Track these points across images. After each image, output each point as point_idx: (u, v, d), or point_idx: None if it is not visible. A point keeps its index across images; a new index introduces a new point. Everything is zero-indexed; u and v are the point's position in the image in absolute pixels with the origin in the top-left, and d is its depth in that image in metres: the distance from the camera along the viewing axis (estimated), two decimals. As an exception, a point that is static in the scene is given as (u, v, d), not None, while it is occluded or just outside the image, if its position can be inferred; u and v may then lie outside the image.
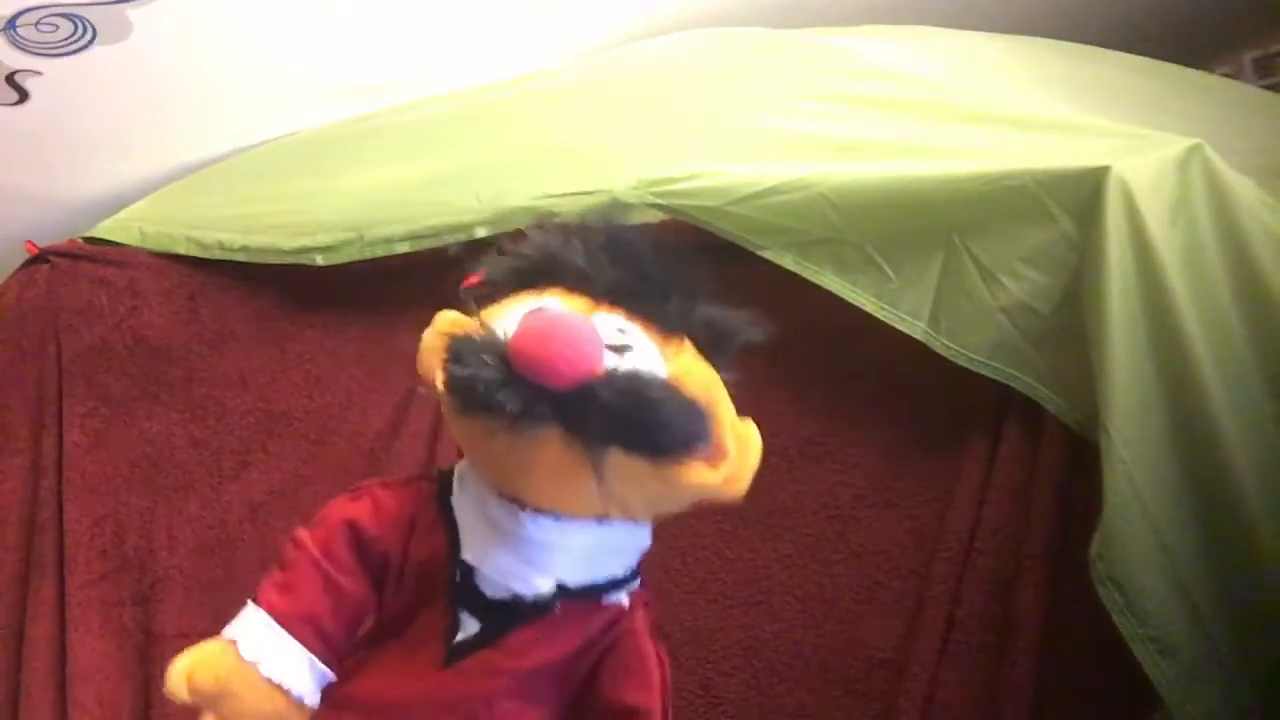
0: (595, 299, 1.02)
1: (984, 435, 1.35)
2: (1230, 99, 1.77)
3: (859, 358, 1.44)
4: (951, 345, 1.31)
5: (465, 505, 1.07)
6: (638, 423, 0.94)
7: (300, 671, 1.02)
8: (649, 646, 1.12)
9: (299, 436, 1.74)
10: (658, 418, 0.95)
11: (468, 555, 1.06)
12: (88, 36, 1.71)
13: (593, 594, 1.08)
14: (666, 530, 1.51)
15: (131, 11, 1.67)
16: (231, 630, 1.03)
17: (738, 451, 1.04)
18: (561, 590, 1.05)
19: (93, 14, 1.67)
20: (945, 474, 1.39)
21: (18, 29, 1.67)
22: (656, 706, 1.11)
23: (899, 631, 1.40)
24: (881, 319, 1.34)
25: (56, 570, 1.72)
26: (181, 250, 1.79)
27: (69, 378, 1.77)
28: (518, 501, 1.03)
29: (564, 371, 0.93)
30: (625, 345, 1.00)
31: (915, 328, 1.33)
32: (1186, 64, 1.83)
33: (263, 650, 1.01)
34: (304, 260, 1.68)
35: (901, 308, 1.34)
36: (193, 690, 1.00)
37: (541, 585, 1.04)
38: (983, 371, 1.30)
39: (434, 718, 1.07)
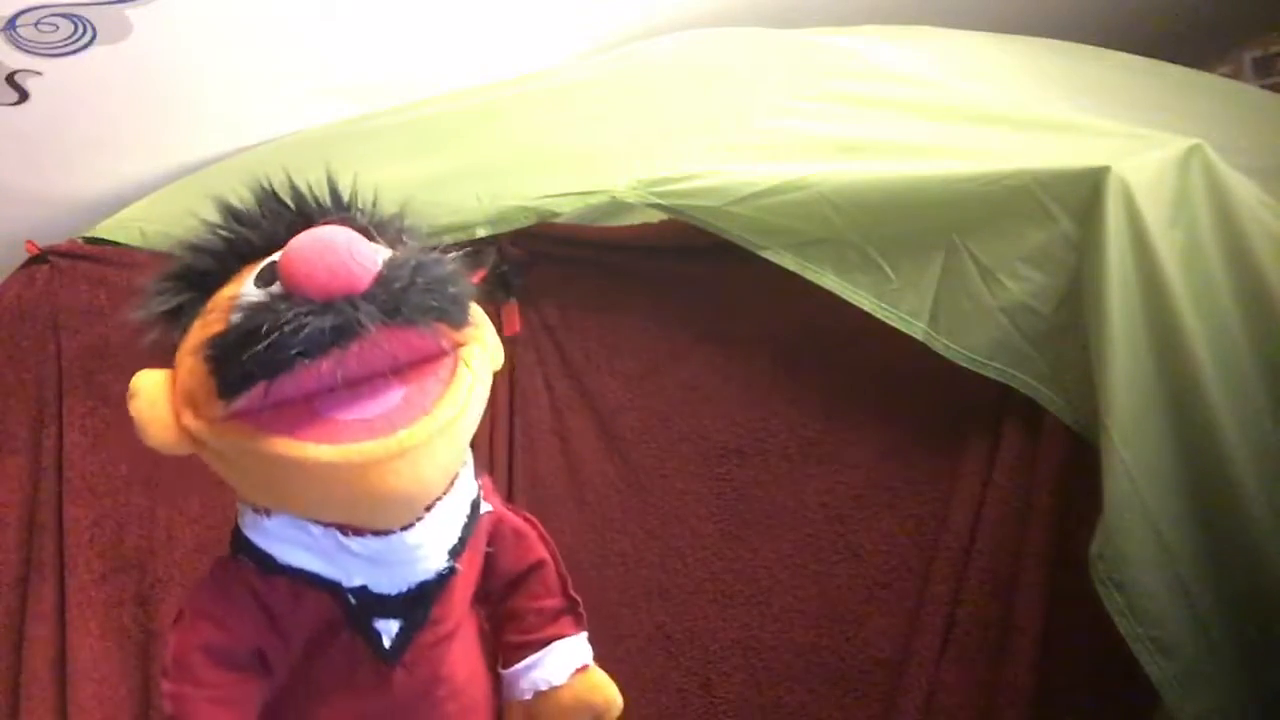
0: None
1: (984, 435, 1.35)
2: (1230, 99, 1.77)
3: (859, 358, 1.44)
4: (951, 345, 1.31)
5: (305, 554, 1.07)
6: (444, 293, 0.98)
7: None
8: (517, 520, 1.22)
9: (299, 436, 1.74)
10: (450, 279, 0.99)
11: (352, 581, 1.07)
12: (88, 36, 1.71)
13: (470, 530, 1.13)
14: (667, 530, 1.52)
15: (131, 11, 1.67)
16: None
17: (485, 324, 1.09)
18: (452, 552, 1.10)
19: (93, 14, 1.67)
20: (945, 474, 1.39)
21: (18, 29, 1.67)
22: (545, 553, 1.21)
23: (899, 631, 1.40)
24: (881, 319, 1.34)
25: (56, 570, 1.72)
26: (181, 250, 1.78)
27: (69, 378, 1.77)
28: (379, 532, 1.04)
29: (359, 272, 0.93)
30: (374, 242, 1.01)
31: (915, 328, 1.33)
32: (1186, 64, 1.83)
33: None
34: (304, 260, 1.67)
35: (901, 308, 1.34)
36: None
37: (439, 563, 1.09)
38: (983, 371, 1.30)
39: (408, 709, 1.12)
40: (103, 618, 1.71)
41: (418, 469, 1.00)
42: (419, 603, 1.09)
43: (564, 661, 1.19)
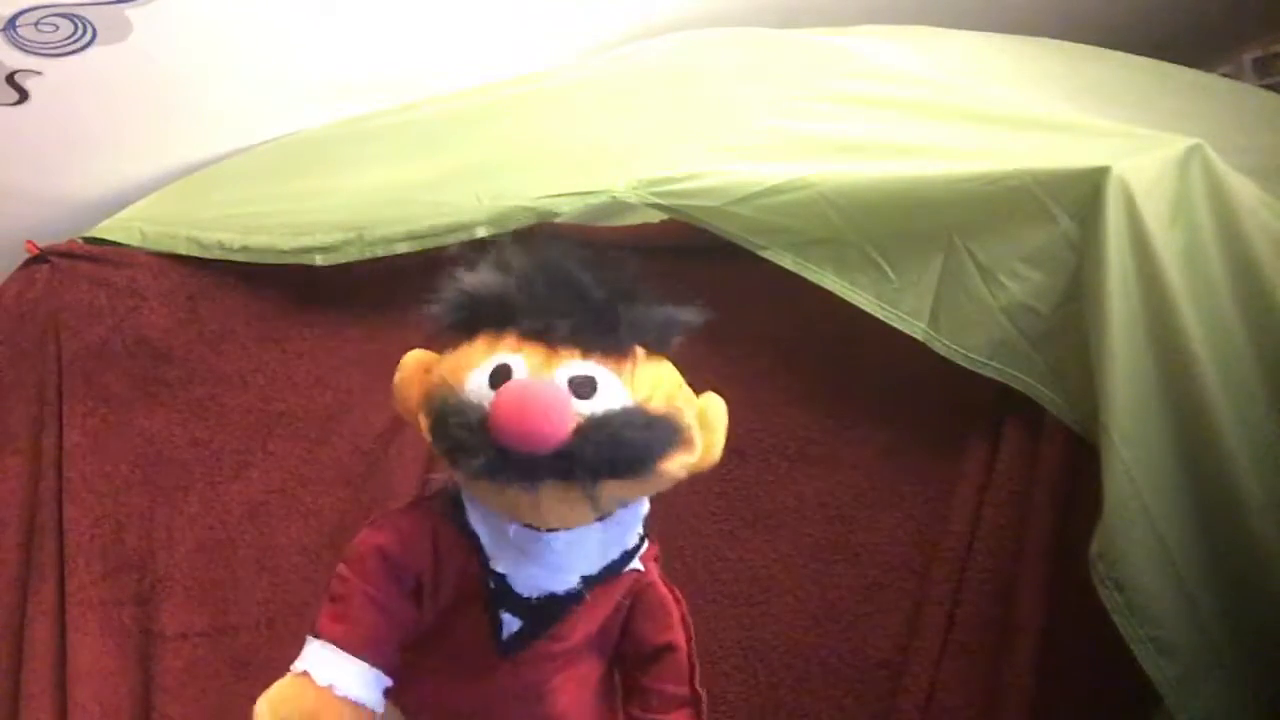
0: (551, 347, 1.12)
1: (984, 435, 1.35)
2: (1230, 99, 1.77)
3: (859, 358, 1.44)
4: (951, 345, 1.32)
5: (481, 523, 1.20)
6: (620, 460, 1.08)
7: (369, 686, 1.14)
8: (665, 593, 1.28)
9: (299, 436, 1.74)
10: (636, 451, 1.09)
11: (499, 567, 1.19)
12: (88, 36, 1.71)
13: (613, 571, 1.22)
14: (667, 531, 1.51)
15: (131, 11, 1.67)
16: (301, 664, 1.14)
17: (704, 431, 1.18)
18: (586, 580, 1.20)
19: (93, 14, 1.67)
20: (945, 474, 1.39)
21: (18, 29, 1.67)
22: (680, 639, 1.27)
23: (899, 631, 1.40)
24: (881, 319, 1.34)
25: (56, 570, 1.72)
26: (181, 250, 1.78)
27: (69, 378, 1.77)
28: (531, 526, 1.16)
29: (545, 441, 1.05)
30: (591, 388, 1.11)
31: (915, 328, 1.33)
32: (1186, 64, 1.83)
33: (334, 674, 1.12)
34: (304, 260, 1.67)
35: (901, 308, 1.34)
36: None
37: (570, 583, 1.20)
38: (983, 371, 1.30)
39: (504, 707, 1.22)
40: (103, 618, 1.71)
41: (544, 517, 1.15)
42: (543, 612, 1.20)
43: None
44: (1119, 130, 1.34)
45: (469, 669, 1.22)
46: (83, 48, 1.73)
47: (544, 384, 1.10)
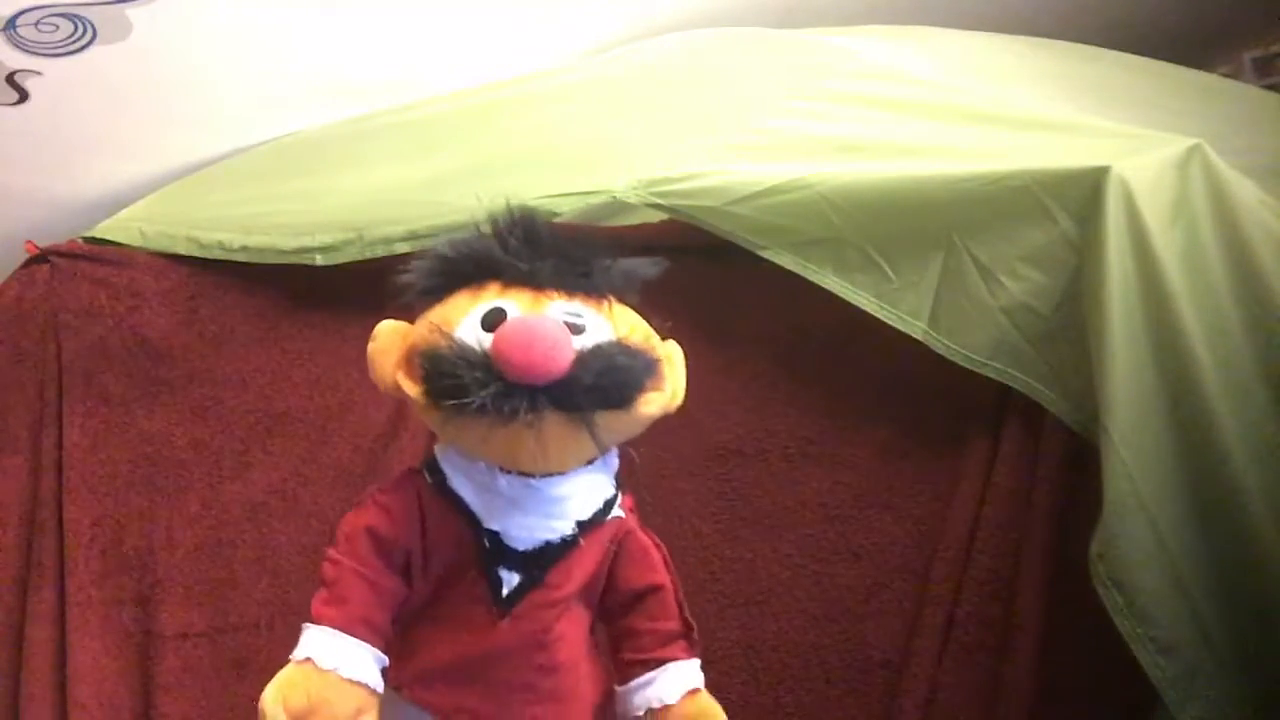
0: (538, 289, 1.18)
1: (984, 435, 1.35)
2: (1230, 99, 1.77)
3: (859, 358, 1.44)
4: (951, 345, 1.32)
5: (467, 485, 1.22)
6: (615, 387, 1.14)
7: (369, 666, 1.17)
8: (645, 539, 1.30)
9: (299, 436, 1.74)
10: (628, 378, 1.15)
11: (491, 524, 1.21)
12: (88, 36, 1.71)
13: (599, 518, 1.25)
14: (667, 531, 1.51)
15: (131, 11, 1.67)
16: (301, 651, 1.15)
17: (671, 372, 1.24)
18: (579, 525, 1.23)
19: (93, 14, 1.67)
20: (945, 474, 1.39)
21: (18, 29, 1.67)
22: (665, 579, 1.29)
23: (899, 631, 1.40)
24: (881, 319, 1.34)
25: (56, 570, 1.71)
26: (181, 250, 1.78)
27: (69, 378, 1.77)
28: (525, 473, 1.19)
29: (551, 371, 1.10)
30: (580, 325, 1.17)
31: (915, 328, 1.33)
32: (1186, 64, 1.83)
33: (336, 657, 1.15)
34: (304, 260, 1.67)
35: (901, 308, 1.34)
36: (290, 712, 1.12)
37: (565, 529, 1.23)
38: (983, 371, 1.30)
39: (508, 661, 1.23)
40: (103, 618, 1.71)
41: (548, 454, 1.17)
42: (539, 562, 1.22)
43: (677, 683, 1.25)
44: (1119, 130, 1.34)
45: (468, 631, 1.23)
46: (83, 48, 1.73)
47: (545, 319, 1.16)
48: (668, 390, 1.23)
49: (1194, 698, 1.14)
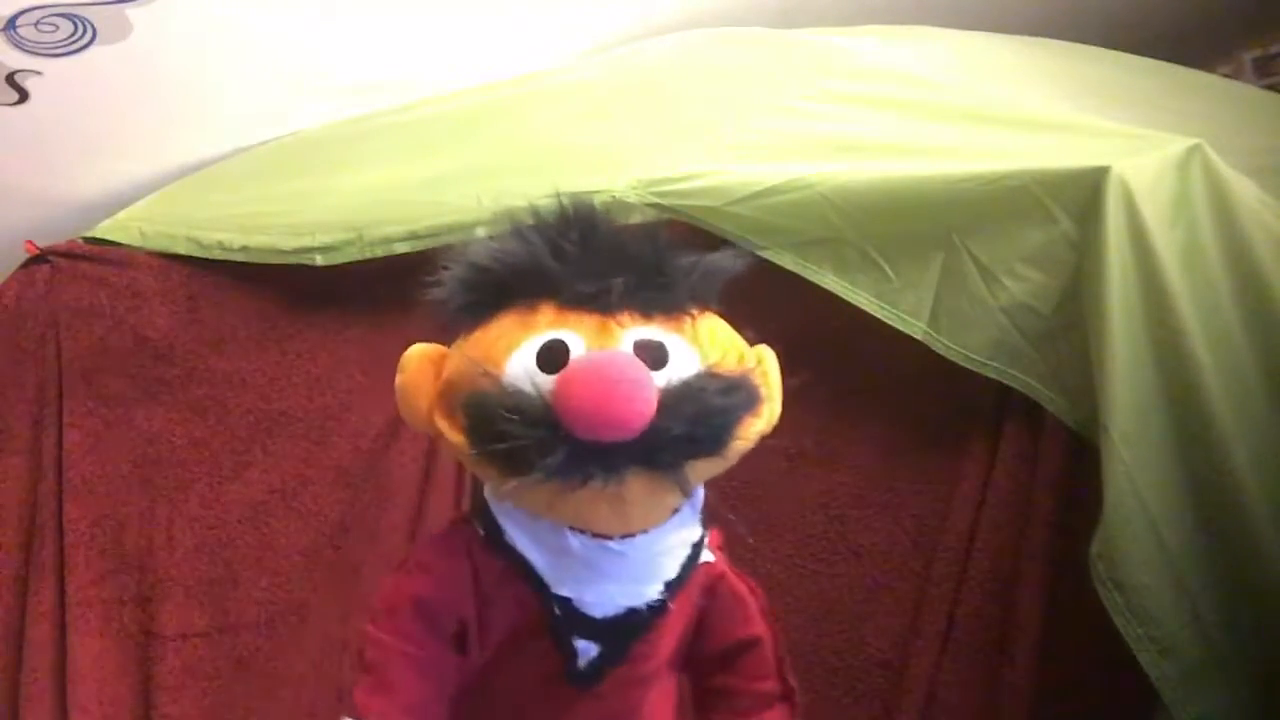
0: (605, 313, 0.97)
1: (984, 435, 1.35)
2: (1230, 99, 1.77)
3: (859, 358, 1.44)
4: (951, 345, 1.31)
5: (530, 544, 1.04)
6: (710, 433, 0.95)
7: None
8: (739, 585, 1.14)
9: (299, 436, 1.74)
10: (724, 421, 0.96)
11: (562, 590, 1.03)
12: (88, 36, 1.71)
13: (687, 570, 1.08)
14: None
15: (131, 11, 1.67)
16: None
17: (768, 387, 1.05)
18: (669, 586, 1.05)
19: (93, 14, 1.67)
20: (945, 474, 1.39)
21: (18, 29, 1.67)
22: (763, 631, 1.14)
23: (899, 631, 1.40)
24: (881, 319, 1.34)
25: (56, 570, 1.72)
26: (181, 250, 1.79)
27: (69, 378, 1.77)
28: (602, 535, 1.00)
29: (632, 425, 0.90)
30: (661, 356, 0.97)
31: (915, 328, 1.33)
32: (1186, 64, 1.83)
33: None
34: (304, 260, 1.67)
35: (901, 308, 1.34)
36: None
37: (651, 593, 1.04)
38: (983, 371, 1.30)
39: None
40: (103, 618, 1.71)
41: (629, 515, 0.99)
42: (623, 632, 1.05)
43: None
44: (1119, 130, 1.34)
45: (541, 708, 1.07)
46: (83, 48, 1.73)
47: (620, 357, 0.94)
48: (765, 413, 1.04)
49: (1194, 698, 1.14)
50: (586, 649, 1.05)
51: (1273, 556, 1.14)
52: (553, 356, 0.95)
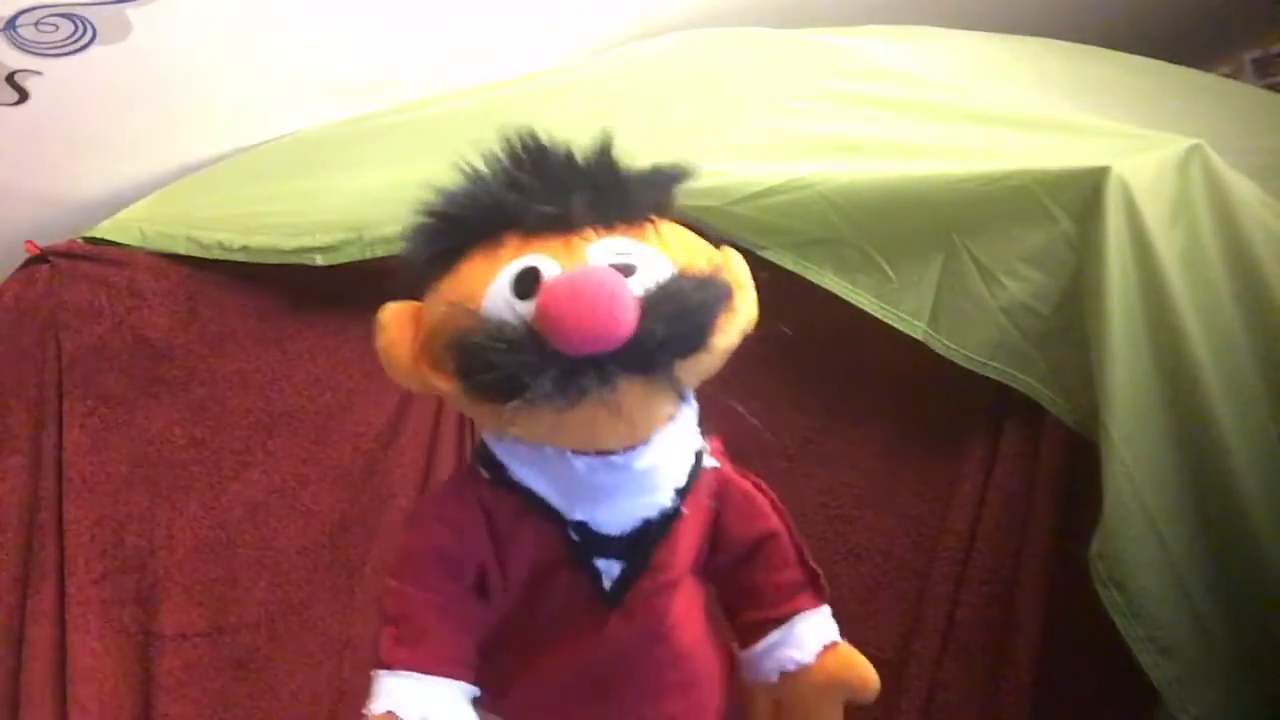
0: (568, 231, 0.99)
1: (984, 435, 1.35)
2: (1230, 99, 1.77)
3: (859, 358, 1.44)
4: (951, 345, 1.31)
5: (536, 476, 1.05)
6: (693, 331, 0.96)
7: (461, 706, 1.02)
8: (745, 484, 1.17)
9: (299, 436, 1.74)
10: (705, 316, 0.98)
11: (576, 514, 1.05)
12: (88, 36, 1.71)
13: (694, 475, 1.10)
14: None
15: (131, 11, 1.67)
16: (380, 704, 1.00)
17: (739, 287, 1.06)
18: (679, 492, 1.07)
19: (93, 14, 1.67)
20: (945, 474, 1.39)
21: (18, 29, 1.67)
22: (777, 524, 1.16)
23: (899, 631, 1.40)
24: (881, 319, 1.34)
25: (56, 570, 1.72)
26: (181, 250, 1.78)
27: (69, 378, 1.77)
28: (605, 452, 1.02)
29: (618, 333, 0.92)
30: (630, 264, 0.98)
31: (915, 328, 1.33)
32: (1186, 64, 1.83)
33: (423, 705, 1.00)
34: (304, 260, 1.67)
35: (901, 308, 1.34)
36: None
37: (663, 501, 1.06)
38: (983, 371, 1.30)
39: (627, 662, 1.08)
40: (103, 618, 1.71)
41: (628, 427, 0.99)
42: (641, 544, 1.06)
43: (810, 638, 1.12)
44: (1119, 130, 1.34)
45: (573, 637, 1.07)
46: (83, 48, 1.73)
47: (594, 271, 0.96)
48: (742, 308, 1.05)
49: (1194, 698, 1.14)
50: (609, 568, 1.06)
51: (1273, 556, 1.14)
52: (527, 282, 0.97)
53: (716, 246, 1.12)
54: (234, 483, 1.74)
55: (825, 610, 1.14)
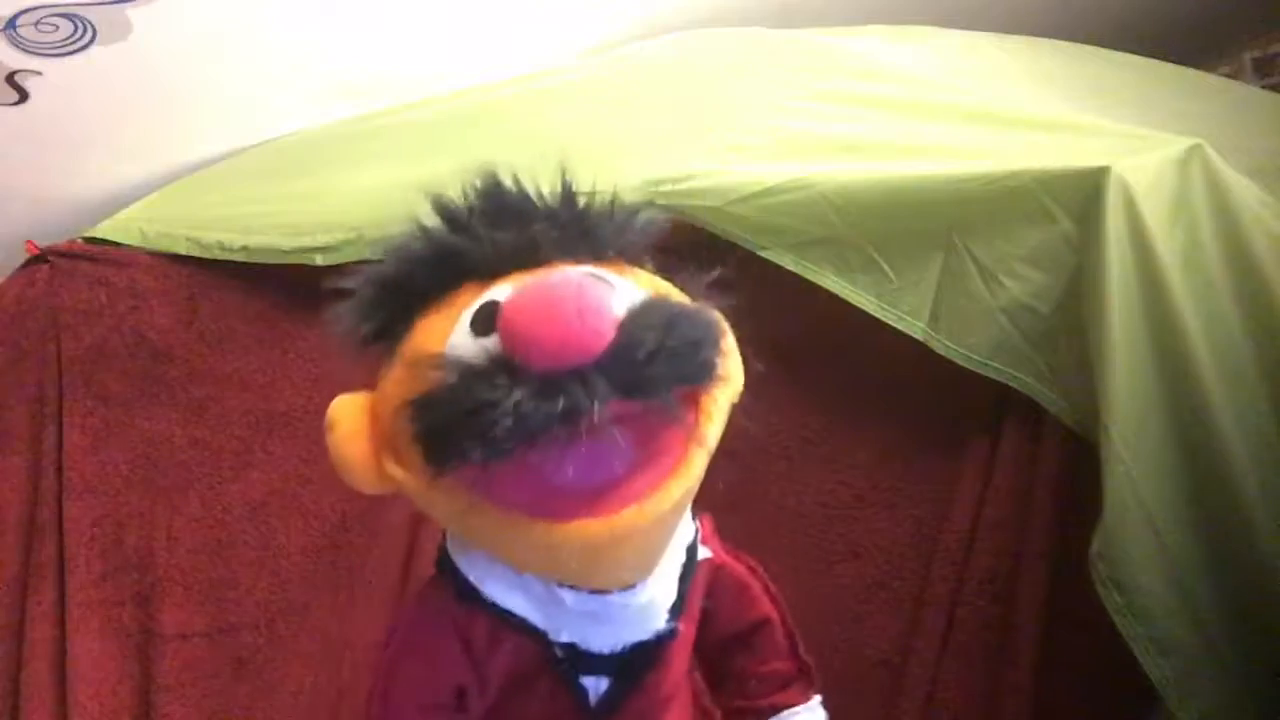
0: (531, 266, 0.88)
1: (984, 435, 1.35)
2: (1230, 99, 1.77)
3: (859, 357, 1.44)
4: (951, 345, 1.31)
5: (518, 596, 0.96)
6: (687, 349, 0.85)
7: None
8: (740, 569, 1.10)
9: (299, 436, 1.74)
10: (700, 335, 0.87)
11: (562, 637, 0.98)
12: (88, 36, 1.71)
13: (688, 579, 1.02)
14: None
15: (131, 11, 1.67)
16: None
17: (727, 351, 0.95)
18: (674, 611, 1.00)
19: (93, 14, 1.67)
20: (945, 474, 1.39)
21: (18, 29, 1.67)
22: (770, 611, 1.11)
23: (899, 631, 1.40)
24: (881, 319, 1.34)
25: (56, 570, 1.72)
26: (181, 250, 1.79)
27: (69, 378, 1.77)
28: (599, 591, 0.93)
29: (588, 344, 0.79)
30: (605, 280, 0.87)
31: (915, 328, 1.33)
32: (1186, 64, 1.83)
33: None
34: (304, 260, 1.67)
35: (901, 308, 1.34)
36: None
37: (660, 625, 0.99)
38: (983, 371, 1.30)
39: None
40: (103, 618, 1.71)
41: (644, 544, 0.90)
42: (632, 665, 0.99)
43: None
44: (1119, 130, 1.34)
45: None
46: (83, 48, 1.73)
47: (560, 273, 0.84)
48: (731, 374, 0.95)
49: (1194, 698, 1.14)
50: (596, 685, 1.00)
51: (1273, 556, 1.14)
52: (488, 316, 0.85)
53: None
54: (234, 483, 1.74)
55: (814, 704, 1.11)
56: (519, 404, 0.77)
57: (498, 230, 0.90)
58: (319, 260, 1.66)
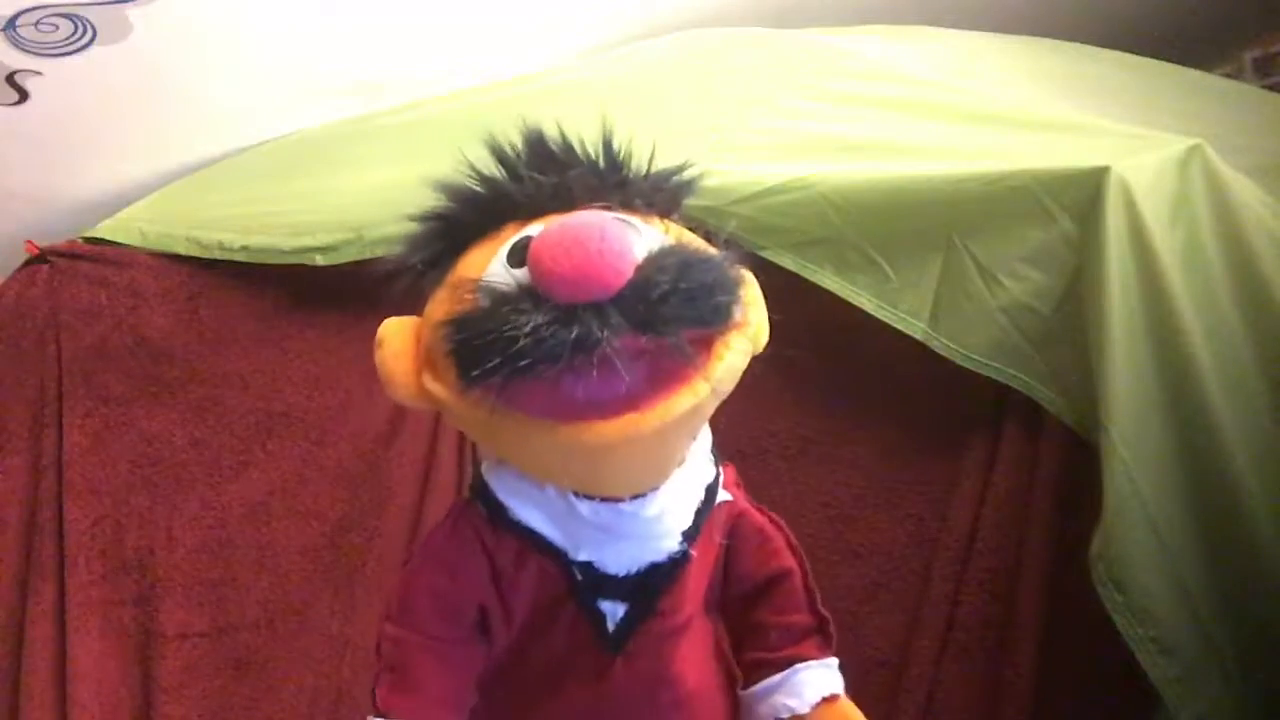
0: (566, 209, 0.96)
1: (984, 435, 1.35)
2: (1230, 99, 1.77)
3: (859, 357, 1.44)
4: (951, 345, 1.31)
5: (538, 515, 1.03)
6: (703, 290, 0.90)
7: None
8: (761, 519, 1.13)
9: (299, 436, 1.74)
10: (714, 276, 0.92)
11: (580, 555, 1.03)
12: (88, 36, 1.71)
13: (704, 514, 1.07)
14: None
15: (131, 11, 1.67)
16: None
17: (751, 301, 0.99)
18: (686, 535, 1.04)
19: (93, 14, 1.67)
20: (945, 474, 1.39)
21: (18, 29, 1.67)
22: (791, 563, 1.13)
23: (899, 631, 1.40)
24: (881, 319, 1.34)
25: (56, 570, 1.72)
26: (182, 250, 1.79)
27: (69, 378, 1.77)
28: (611, 499, 0.99)
29: (616, 267, 0.86)
30: (631, 224, 0.94)
31: (915, 328, 1.33)
32: (1186, 64, 1.83)
33: None
34: (304, 260, 1.68)
35: (901, 308, 1.34)
36: None
37: (671, 545, 1.03)
38: (983, 371, 1.30)
39: (629, 707, 1.05)
40: (103, 618, 1.71)
41: (649, 451, 0.95)
42: (647, 587, 1.03)
43: (810, 688, 1.08)
44: (1119, 130, 1.34)
45: (574, 680, 1.05)
46: (83, 48, 1.73)
47: (586, 214, 0.92)
48: (751, 321, 0.98)
49: (1194, 698, 1.14)
50: (613, 610, 1.04)
51: (1273, 556, 1.14)
52: (522, 250, 0.93)
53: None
54: (234, 483, 1.74)
55: (831, 662, 1.11)
56: (538, 328, 0.85)
57: (540, 175, 0.99)
58: (319, 260, 1.66)
